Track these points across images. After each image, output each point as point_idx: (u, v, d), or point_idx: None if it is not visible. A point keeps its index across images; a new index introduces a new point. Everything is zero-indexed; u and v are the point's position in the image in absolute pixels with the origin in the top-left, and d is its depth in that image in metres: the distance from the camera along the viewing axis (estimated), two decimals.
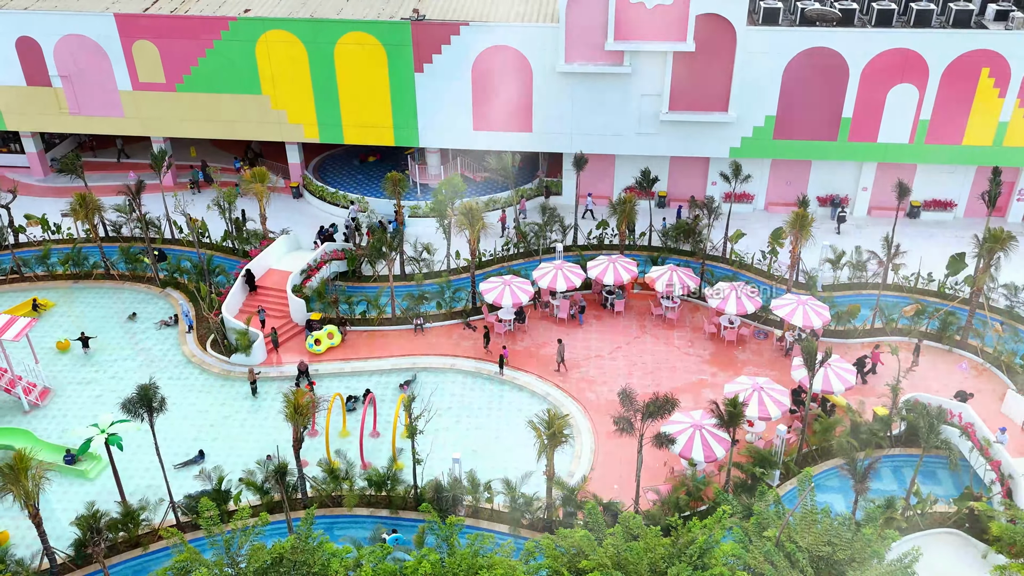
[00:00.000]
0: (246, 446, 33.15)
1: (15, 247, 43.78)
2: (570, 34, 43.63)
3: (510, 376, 36.30)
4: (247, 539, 20.25)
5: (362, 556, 19.44)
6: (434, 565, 18.35)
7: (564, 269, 39.12)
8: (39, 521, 26.06)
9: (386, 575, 18.30)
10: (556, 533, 22.78)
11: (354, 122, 47.74)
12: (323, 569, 18.40)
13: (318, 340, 36.92)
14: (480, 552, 20.05)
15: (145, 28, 46.01)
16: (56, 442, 32.88)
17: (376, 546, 20.24)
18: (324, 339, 36.92)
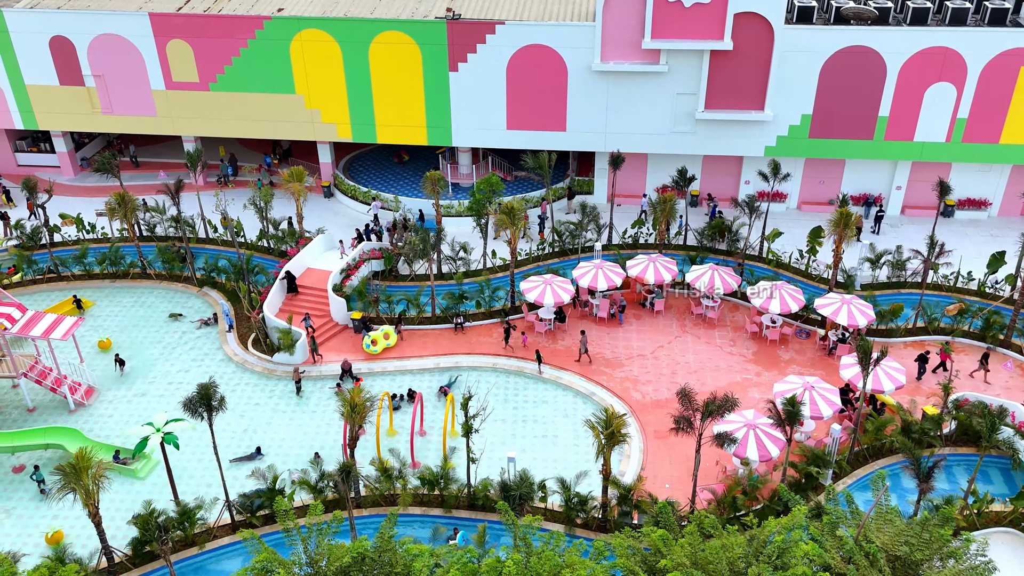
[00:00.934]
0: (293, 445, 33.12)
1: (52, 246, 43.78)
2: (606, 33, 43.56)
3: (553, 375, 36.25)
4: (324, 537, 20.19)
5: (440, 555, 19.40)
6: (518, 565, 18.29)
7: (604, 268, 39.05)
8: (99, 520, 26.04)
9: (473, 575, 18.25)
10: (624, 532, 22.71)
11: (387, 121, 47.70)
12: (406, 569, 18.33)
13: (375, 340, 36.85)
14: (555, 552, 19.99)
15: (179, 27, 46.00)
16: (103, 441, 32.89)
17: (451, 546, 20.15)
18: (380, 339, 36.86)
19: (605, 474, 27.59)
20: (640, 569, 20.10)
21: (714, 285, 38.05)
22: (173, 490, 29.60)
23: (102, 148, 56.42)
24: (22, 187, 41.53)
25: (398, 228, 44.78)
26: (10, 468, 31.72)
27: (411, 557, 18.79)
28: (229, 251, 44.17)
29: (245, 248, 44.17)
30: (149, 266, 43.15)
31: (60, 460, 31.76)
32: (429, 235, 38.56)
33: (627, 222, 46.38)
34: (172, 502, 28.60)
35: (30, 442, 31.51)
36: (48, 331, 33.32)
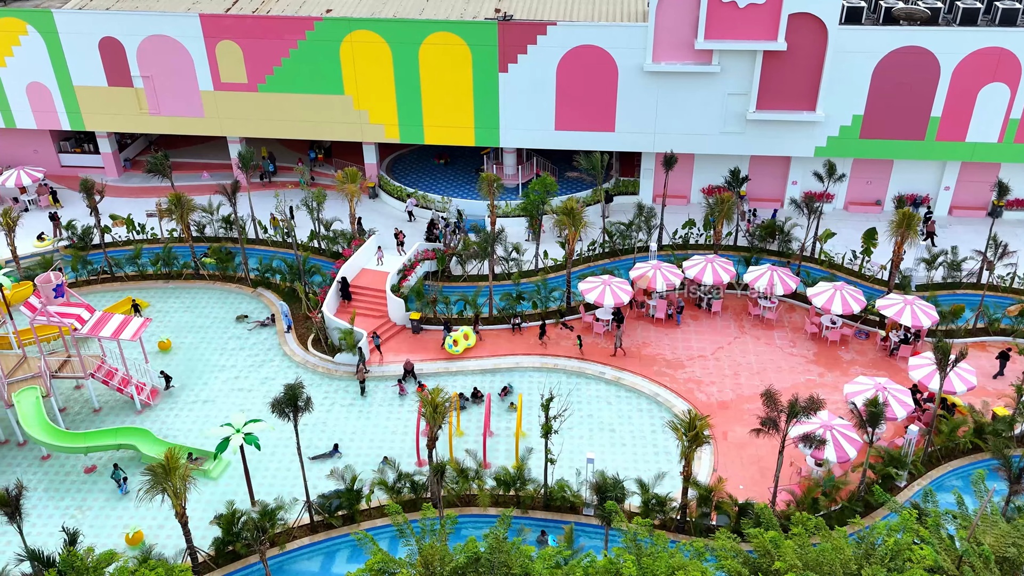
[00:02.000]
0: (362, 444, 33.14)
1: (105, 247, 43.87)
2: (659, 33, 43.56)
3: (615, 376, 36.25)
4: (438, 538, 20.19)
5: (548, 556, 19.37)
6: (636, 565, 18.29)
7: (662, 269, 39.04)
8: (185, 520, 26.12)
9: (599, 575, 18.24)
10: (719, 532, 22.69)
11: (435, 122, 47.74)
12: (524, 570, 18.32)
13: (456, 340, 36.87)
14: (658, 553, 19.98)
15: (229, 28, 46.09)
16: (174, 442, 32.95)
17: (558, 547, 20.15)
18: (461, 340, 36.87)
19: (686, 475, 27.57)
20: (747, 571, 20.08)
21: (773, 286, 38.04)
22: (250, 491, 29.71)
23: (143, 149, 56.58)
24: (80, 188, 41.63)
25: (439, 228, 44.80)
26: (82, 468, 31.80)
27: (529, 558, 18.79)
28: (272, 251, 44.33)
29: (298, 249, 44.31)
30: (203, 267, 43.23)
31: (132, 460, 32.01)
32: (488, 236, 38.55)
33: (673, 222, 46.34)
34: (251, 502, 28.63)
35: (103, 443, 31.57)
36: (117, 331, 33.41)
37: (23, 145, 53.02)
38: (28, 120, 50.11)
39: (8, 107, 49.65)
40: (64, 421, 33.79)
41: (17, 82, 48.73)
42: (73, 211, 48.92)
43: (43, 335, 36.85)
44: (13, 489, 24.08)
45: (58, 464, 32.08)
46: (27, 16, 46.70)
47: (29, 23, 46.82)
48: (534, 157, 50.99)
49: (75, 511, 29.98)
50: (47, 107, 49.46)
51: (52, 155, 53.53)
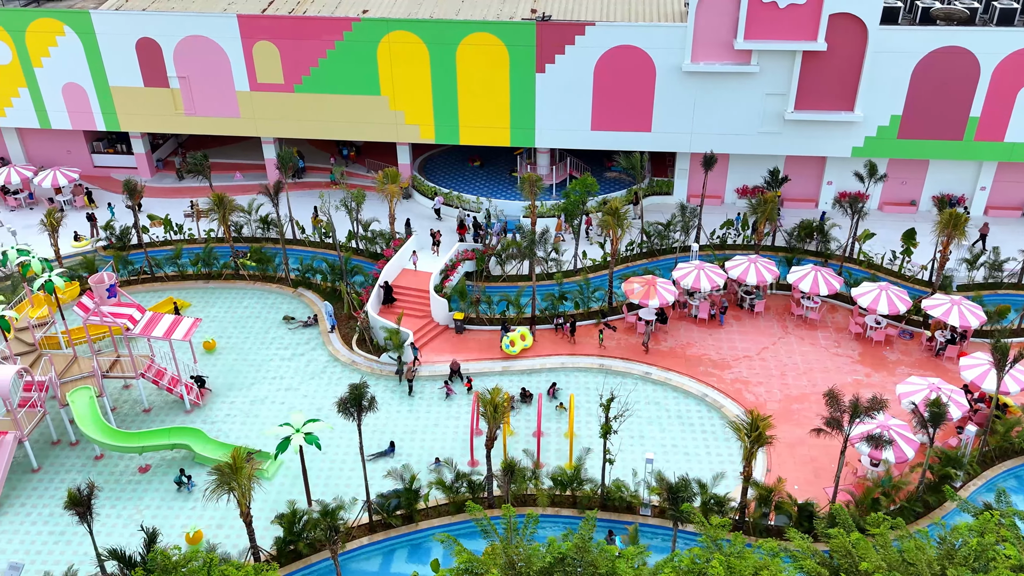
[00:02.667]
0: (412, 443, 33.17)
1: (146, 247, 43.97)
2: (698, 34, 43.57)
3: (663, 377, 36.25)
4: (523, 537, 20.23)
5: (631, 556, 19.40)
6: (723, 565, 18.32)
7: (705, 269, 39.05)
8: (249, 520, 26.18)
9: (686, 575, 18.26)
10: (790, 532, 22.69)
11: (471, 123, 47.79)
12: (611, 570, 18.34)
13: (512, 341, 36.91)
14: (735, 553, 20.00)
15: (267, 29, 46.16)
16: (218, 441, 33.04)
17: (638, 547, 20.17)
18: (518, 340, 36.89)
19: (747, 475, 27.58)
20: (826, 572, 20.09)
21: (818, 287, 38.03)
22: (307, 490, 29.77)
23: (173, 150, 56.67)
24: (124, 188, 41.74)
25: (469, 227, 44.91)
26: (136, 468, 31.88)
27: (614, 558, 18.81)
28: (310, 251, 44.40)
29: (331, 249, 44.40)
30: (243, 267, 43.30)
31: (185, 460, 32.09)
32: (535, 237, 38.56)
33: (708, 223, 46.26)
34: (315, 502, 28.67)
35: (157, 442, 31.65)
36: (169, 332, 33.49)
37: (56, 145, 53.12)
38: (63, 121, 50.22)
39: (44, 108, 49.75)
40: (115, 421, 33.86)
41: (53, 83, 48.82)
42: (108, 211, 49.08)
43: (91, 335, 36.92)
44: (84, 489, 24.14)
45: (112, 464, 32.16)
46: (64, 17, 46.81)
47: (66, 24, 46.91)
48: (567, 157, 51.01)
49: (133, 511, 30.06)
50: (82, 108, 49.55)
51: (85, 155, 53.62)
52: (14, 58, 48.21)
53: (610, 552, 19.14)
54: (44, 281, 32.69)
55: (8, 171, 49.68)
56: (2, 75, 48.80)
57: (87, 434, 31.12)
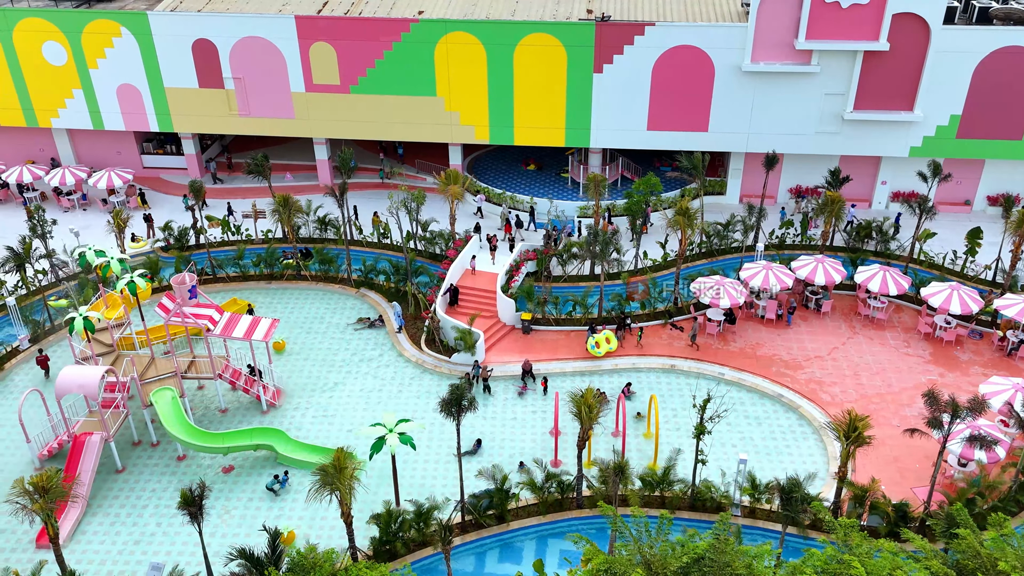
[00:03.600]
0: (492, 442, 33.12)
1: (210, 247, 44.04)
2: (759, 33, 43.56)
3: (736, 377, 36.23)
4: (659, 538, 20.21)
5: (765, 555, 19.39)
6: (862, 565, 18.31)
7: (773, 269, 39.02)
8: (350, 520, 26.22)
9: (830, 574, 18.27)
10: (905, 534, 22.66)
11: (526, 123, 47.80)
12: (749, 571, 18.34)
13: (598, 343, 36.92)
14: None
15: (324, 30, 46.21)
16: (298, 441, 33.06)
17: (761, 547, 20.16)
18: (603, 343, 36.87)
19: (842, 476, 27.55)
20: (953, 573, 20.07)
21: (887, 287, 37.99)
22: (396, 490, 29.76)
23: (220, 152, 56.74)
24: (190, 189, 41.82)
25: (510, 225, 45.24)
26: (220, 469, 31.92)
27: (750, 558, 18.82)
28: (366, 251, 44.44)
29: (396, 249, 44.50)
30: (305, 268, 43.34)
31: (267, 461, 32.13)
32: (606, 237, 38.54)
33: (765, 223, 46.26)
34: (409, 502, 28.69)
35: (242, 443, 31.67)
36: (249, 332, 33.52)
37: (106, 147, 53.23)
38: (117, 122, 50.30)
39: (97, 109, 49.84)
40: (193, 422, 33.87)
41: (108, 84, 48.91)
42: (159, 212, 49.18)
43: (161, 336, 37.00)
44: (196, 489, 24.18)
45: (195, 464, 32.20)
46: (122, 18, 46.90)
47: (123, 25, 47.00)
48: (619, 158, 51.01)
49: (220, 510, 30.11)
50: (136, 109, 49.62)
51: (135, 156, 53.73)
52: (69, 59, 48.31)
53: (746, 552, 19.13)
54: (127, 282, 32.70)
55: (62, 172, 49.83)
56: (57, 76, 48.91)
57: (173, 435, 31.15)
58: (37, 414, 32.92)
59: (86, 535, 29.07)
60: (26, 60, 48.57)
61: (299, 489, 30.86)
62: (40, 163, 53.42)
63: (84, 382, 29.99)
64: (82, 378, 30.06)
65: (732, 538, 19.50)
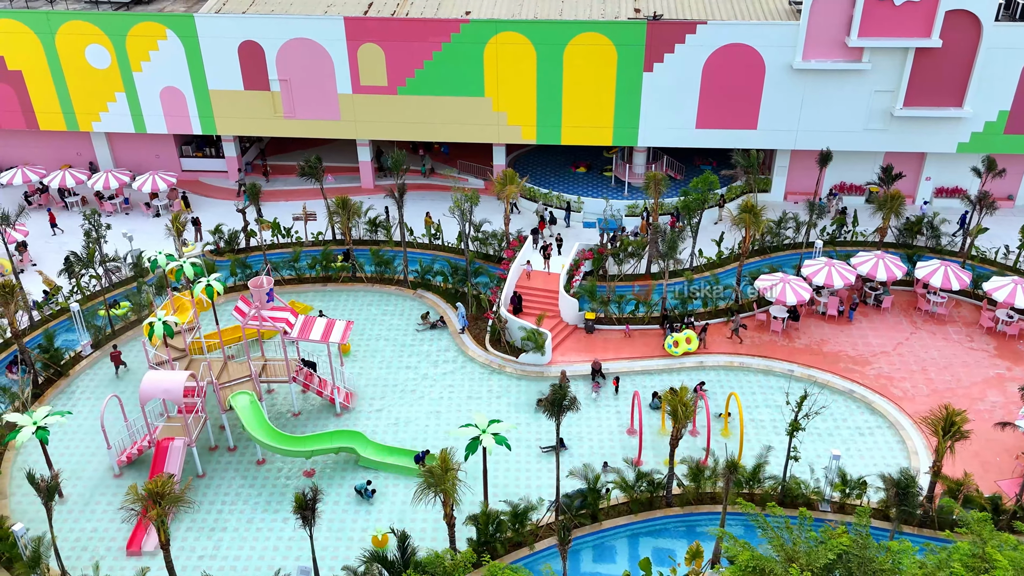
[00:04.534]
0: (571, 443, 33.04)
1: (267, 249, 43.82)
2: (811, 31, 43.75)
3: (806, 374, 36.35)
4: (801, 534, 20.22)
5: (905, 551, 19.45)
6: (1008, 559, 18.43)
7: (835, 266, 39.18)
8: (453, 522, 26.15)
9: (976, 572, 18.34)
10: (1016, 525, 22.78)
11: (574, 123, 47.82)
12: (894, 567, 18.41)
13: (677, 342, 36.94)
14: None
15: (373, 31, 46.06)
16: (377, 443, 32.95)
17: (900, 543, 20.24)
18: (683, 343, 36.88)
19: (936, 470, 27.69)
20: None
21: (949, 282, 38.23)
22: (485, 491, 29.66)
23: (257, 155, 56.47)
24: (248, 192, 41.60)
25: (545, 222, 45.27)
26: (300, 472, 31.77)
27: (895, 554, 18.89)
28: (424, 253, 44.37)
29: (445, 250, 44.46)
30: (360, 269, 43.21)
31: (347, 463, 32.01)
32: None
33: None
34: (503, 502, 28.64)
35: (325, 446, 31.53)
36: (325, 334, 33.39)
37: (145, 150, 52.86)
38: (159, 125, 49.97)
39: (140, 112, 49.49)
40: None
41: (151, 87, 48.58)
42: (200, 215, 48.84)
43: (229, 339, 36.83)
44: (308, 492, 24.06)
45: (274, 469, 32.01)
46: (168, 21, 46.61)
47: (169, 27, 46.71)
48: (663, 156, 51.10)
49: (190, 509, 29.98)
50: (180, 112, 49.31)
51: (174, 159, 53.41)
52: (113, 62, 47.96)
53: (891, 547, 19.21)
54: (205, 285, 32.48)
55: (105, 176, 49.50)
56: (100, 80, 48.55)
57: (256, 438, 30.95)
58: (93, 420, 32.65)
59: (175, 541, 28.83)
60: (68, 63, 48.20)
61: (382, 491, 30.81)
62: (76, 167, 53.02)
63: (169, 387, 29.79)
64: (166, 383, 29.85)
65: (869, 535, 19.56)
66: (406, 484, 31.08)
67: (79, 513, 30.03)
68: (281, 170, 54.09)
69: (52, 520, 26.52)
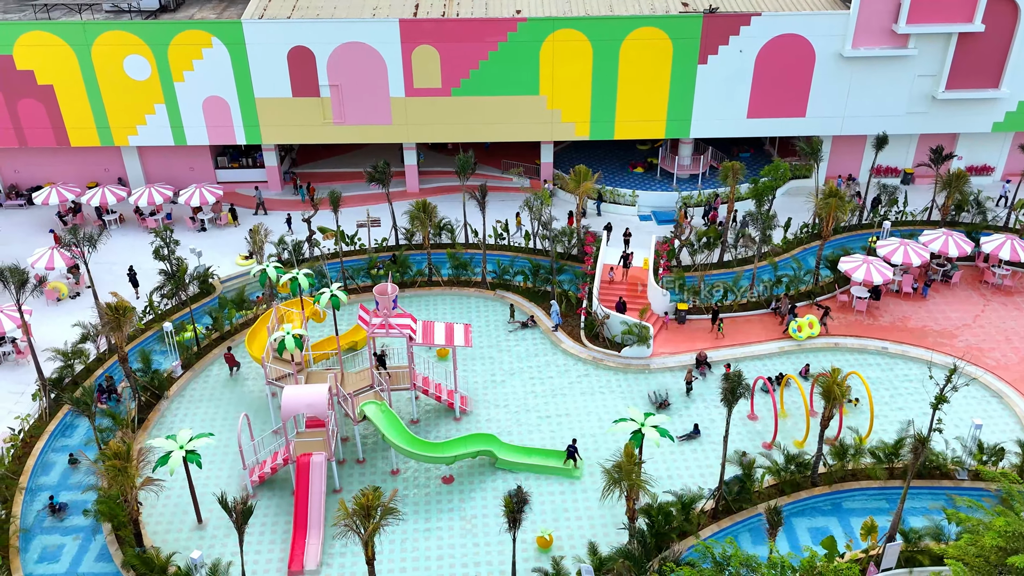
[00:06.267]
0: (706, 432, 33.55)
1: (344, 256, 42.98)
2: (861, 20, 45.17)
3: (900, 350, 37.60)
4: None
5: None
6: None
7: (909, 245, 40.63)
8: (635, 516, 26.22)
9: None
10: None
11: (627, 117, 48.28)
12: None
13: (800, 327, 37.52)
14: None
15: (429, 33, 45.57)
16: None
17: None
18: (805, 327, 37.49)
19: None
20: None
21: (1018, 254, 40.05)
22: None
23: (290, 164, 55.20)
24: (330, 200, 40.80)
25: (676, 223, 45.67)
26: (439, 479, 31.36)
27: None
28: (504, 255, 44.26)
29: (510, 250, 44.43)
30: (436, 272, 42.78)
31: (483, 467, 31.78)
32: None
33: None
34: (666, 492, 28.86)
35: (466, 450, 31.17)
36: (448, 338, 33.01)
37: (179, 163, 51.06)
38: (200, 136, 48.40)
39: (180, 124, 47.83)
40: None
41: (194, 97, 47.00)
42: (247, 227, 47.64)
43: (323, 350, 36.06)
44: (514, 494, 23.84)
45: (410, 478, 31.52)
46: (214, 28, 45.17)
47: (215, 35, 45.28)
48: (709, 148, 51.99)
49: (458, 520, 29.63)
50: (223, 122, 47.86)
51: (210, 171, 51.75)
52: (153, 73, 46.24)
53: None
54: (330, 295, 31.65)
55: (147, 191, 47.69)
56: (138, 92, 46.72)
57: (398, 446, 30.37)
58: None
59: (333, 556, 28.19)
60: (105, 76, 46.25)
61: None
62: (103, 184, 50.93)
63: (312, 400, 29.06)
64: (309, 397, 29.10)
65: None
66: (548, 482, 31.10)
67: (223, 537, 29.07)
68: (310, 178, 52.96)
69: (244, 545, 25.58)
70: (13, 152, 50.37)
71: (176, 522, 29.58)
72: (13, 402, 34.94)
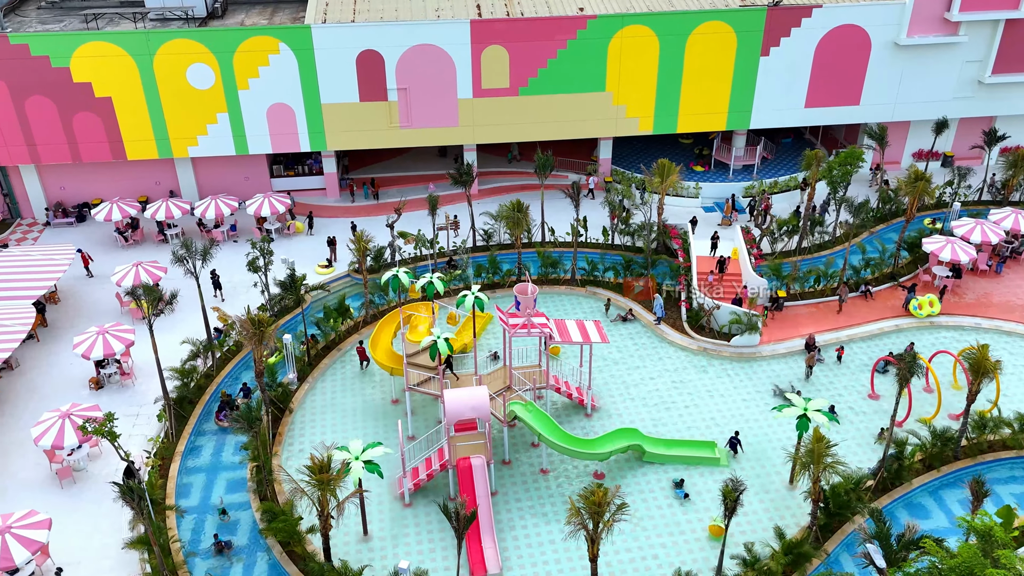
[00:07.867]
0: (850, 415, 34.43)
1: (407, 263, 42.73)
2: (916, 9, 46.74)
3: (994, 325, 39.10)
4: None
5: None
6: None
7: (984, 224, 42.26)
8: (819, 500, 26.80)
9: None
10: None
11: (690, 111, 49.02)
12: None
13: (920, 305, 38.55)
14: None
15: (499, 33, 45.53)
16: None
17: None
18: (926, 305, 38.50)
19: None
20: None
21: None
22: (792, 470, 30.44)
23: (343, 171, 54.37)
24: (429, 204, 40.43)
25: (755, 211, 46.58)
26: (591, 475, 31.52)
27: None
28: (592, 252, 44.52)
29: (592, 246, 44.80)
30: (526, 272, 42.82)
31: (629, 461, 32.07)
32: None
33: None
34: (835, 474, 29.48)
35: (617, 446, 31.39)
36: (584, 336, 33.15)
37: (233, 173, 49.97)
38: (263, 145, 47.43)
39: (243, 133, 46.81)
40: None
41: (258, 105, 46.05)
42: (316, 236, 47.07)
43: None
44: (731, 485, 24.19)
45: (562, 476, 31.55)
46: (282, 34, 44.34)
47: (283, 41, 44.44)
48: (762, 138, 53.09)
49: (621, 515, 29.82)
50: (287, 129, 47.01)
51: (265, 180, 50.71)
52: (217, 82, 45.16)
53: None
54: (474, 299, 31.46)
55: (212, 203, 46.52)
56: (201, 101, 45.59)
57: (555, 444, 30.37)
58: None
59: (509, 560, 28.16)
60: (167, 86, 45.00)
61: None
62: (154, 198, 49.64)
63: (476, 404, 28.89)
64: (473, 400, 28.94)
65: None
66: (699, 473, 31.55)
67: (392, 548, 28.72)
68: (397, 181, 52.44)
69: (412, 555, 25.32)
70: (59, 168, 48.65)
71: (340, 535, 29.11)
72: (130, 424, 33.89)
